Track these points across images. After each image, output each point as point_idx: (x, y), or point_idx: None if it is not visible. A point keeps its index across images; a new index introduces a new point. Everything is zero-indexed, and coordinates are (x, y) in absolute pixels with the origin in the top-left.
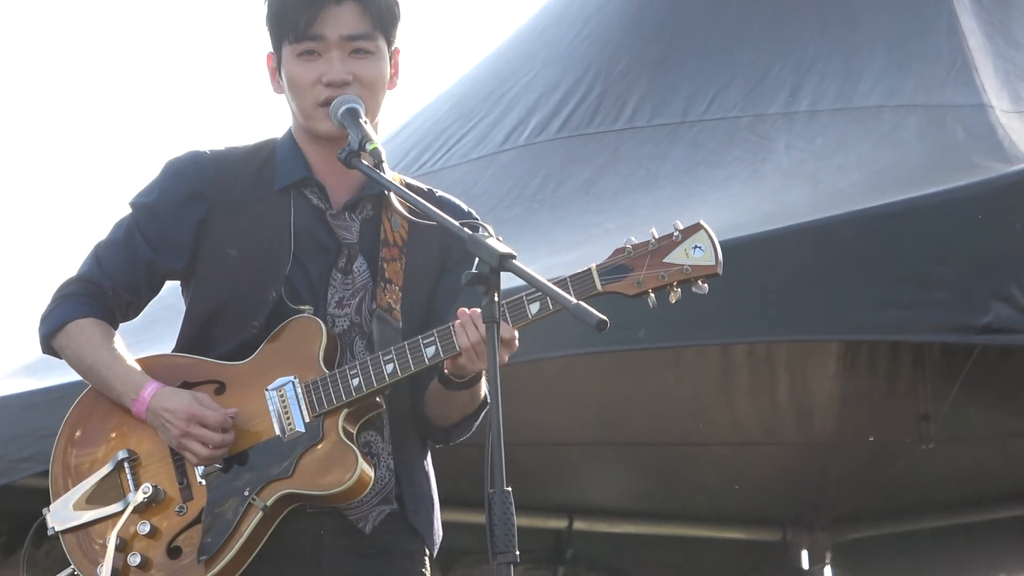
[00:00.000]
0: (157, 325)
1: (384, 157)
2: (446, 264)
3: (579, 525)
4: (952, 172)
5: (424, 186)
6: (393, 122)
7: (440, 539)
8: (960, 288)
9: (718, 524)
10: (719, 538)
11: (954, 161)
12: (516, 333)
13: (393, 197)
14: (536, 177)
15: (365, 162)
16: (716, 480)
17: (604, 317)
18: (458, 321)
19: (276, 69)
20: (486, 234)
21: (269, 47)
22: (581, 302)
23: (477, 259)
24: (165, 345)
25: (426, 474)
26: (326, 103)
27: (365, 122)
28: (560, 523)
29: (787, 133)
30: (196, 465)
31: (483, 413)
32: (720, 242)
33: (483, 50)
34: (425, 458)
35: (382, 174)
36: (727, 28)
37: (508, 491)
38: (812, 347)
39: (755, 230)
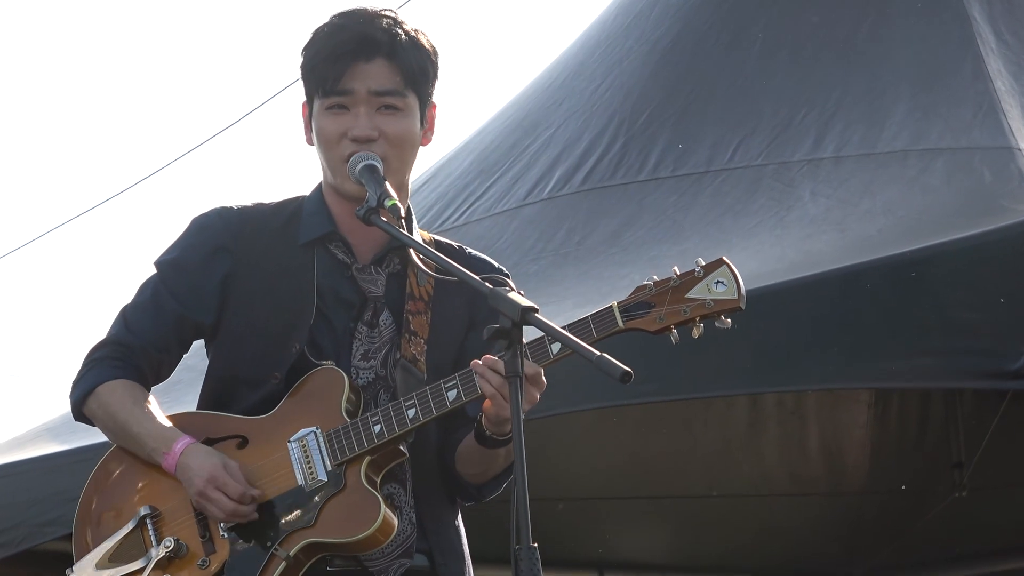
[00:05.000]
0: (180, 384)
1: (403, 213)
2: (474, 320)
3: None
4: (981, 216)
5: (454, 243)
6: (414, 178)
7: None
8: (991, 333)
9: None
10: None
11: (982, 205)
12: (541, 370)
13: (413, 253)
14: (560, 230)
15: (384, 219)
16: (747, 532)
17: (628, 369)
18: (477, 371)
19: (308, 121)
20: (508, 288)
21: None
22: (604, 355)
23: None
24: (186, 405)
25: (456, 530)
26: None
27: (383, 179)
28: None
29: (812, 180)
30: (215, 522)
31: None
32: (747, 291)
33: (499, 102)
34: (455, 514)
35: (402, 230)
36: (750, 76)
37: (534, 547)
38: (842, 396)
39: (782, 279)
